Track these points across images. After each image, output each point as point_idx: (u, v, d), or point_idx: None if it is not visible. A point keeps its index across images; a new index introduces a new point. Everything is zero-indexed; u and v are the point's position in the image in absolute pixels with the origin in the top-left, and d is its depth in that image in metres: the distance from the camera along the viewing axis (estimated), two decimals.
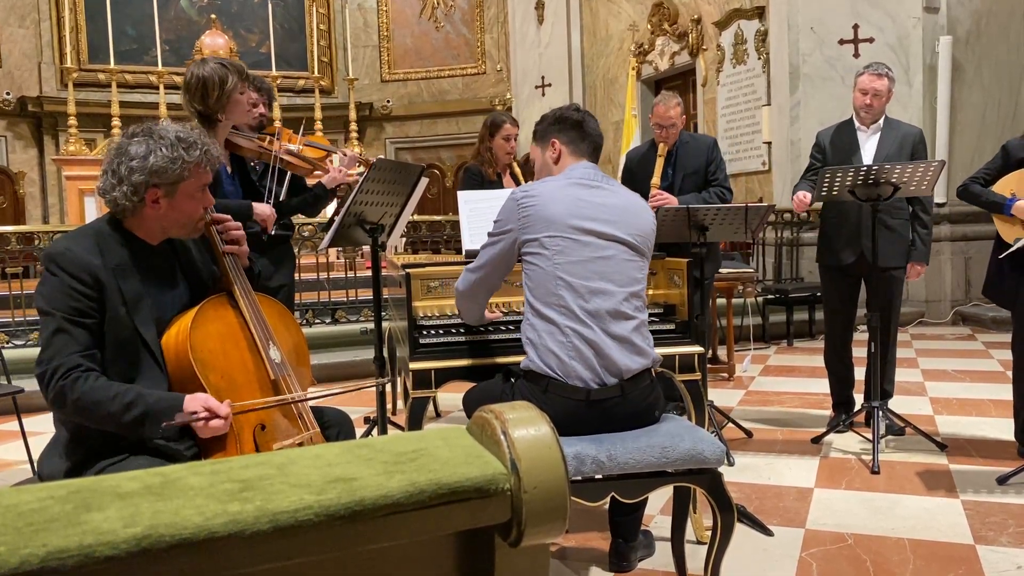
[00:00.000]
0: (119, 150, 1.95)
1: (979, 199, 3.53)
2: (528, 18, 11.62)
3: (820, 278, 4.26)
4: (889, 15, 7.71)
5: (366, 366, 5.45)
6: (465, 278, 2.41)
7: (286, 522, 0.68)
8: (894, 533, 2.79)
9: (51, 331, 1.85)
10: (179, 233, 2.05)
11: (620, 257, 2.25)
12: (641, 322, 2.26)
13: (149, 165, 1.90)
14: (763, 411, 4.55)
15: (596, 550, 2.70)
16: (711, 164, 4.13)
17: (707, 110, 9.39)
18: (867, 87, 3.94)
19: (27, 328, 5.53)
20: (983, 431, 3.99)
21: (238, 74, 3.08)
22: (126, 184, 1.91)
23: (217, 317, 2.03)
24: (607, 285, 2.21)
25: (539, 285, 2.21)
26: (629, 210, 2.33)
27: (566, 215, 2.23)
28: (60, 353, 1.83)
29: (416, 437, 0.85)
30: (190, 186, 1.97)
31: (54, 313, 1.85)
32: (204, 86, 3.04)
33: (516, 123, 4.27)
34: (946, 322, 7.71)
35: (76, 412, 1.83)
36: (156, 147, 1.92)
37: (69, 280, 1.86)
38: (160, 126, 1.99)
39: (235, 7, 12.09)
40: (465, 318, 2.51)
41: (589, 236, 2.23)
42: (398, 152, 12.88)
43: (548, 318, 2.19)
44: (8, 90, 10.90)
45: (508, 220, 2.29)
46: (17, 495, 0.66)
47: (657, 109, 4.09)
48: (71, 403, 1.82)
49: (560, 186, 2.32)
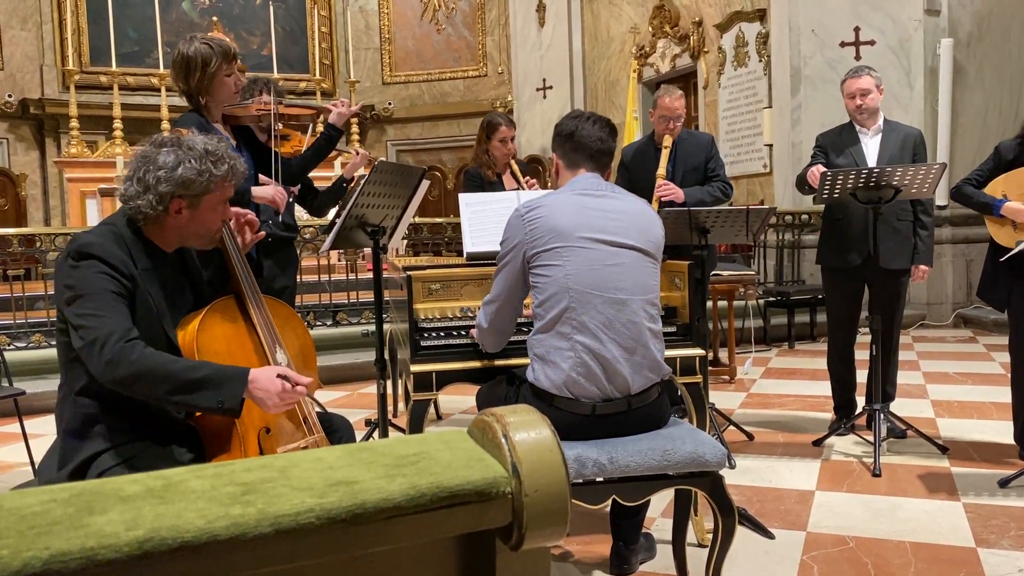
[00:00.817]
0: (146, 158, 1.94)
1: (971, 200, 3.53)
2: (529, 20, 11.63)
3: (822, 280, 4.26)
4: (890, 17, 7.71)
5: (367, 368, 5.45)
6: (484, 312, 2.32)
7: (288, 525, 0.68)
8: (895, 536, 2.79)
9: (89, 306, 1.80)
10: (196, 243, 2.06)
11: (633, 264, 2.20)
12: (656, 332, 2.22)
13: (177, 176, 1.90)
14: (764, 414, 4.55)
15: (597, 553, 2.70)
16: (710, 161, 4.15)
17: (708, 112, 9.39)
18: (852, 89, 3.95)
19: (29, 330, 5.54)
20: (984, 434, 3.99)
21: (223, 55, 3.00)
22: (152, 193, 1.91)
23: (224, 319, 2.04)
24: (621, 294, 2.16)
25: (549, 297, 2.16)
26: (639, 217, 2.28)
27: (574, 225, 2.18)
28: (108, 322, 1.79)
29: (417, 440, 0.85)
30: (214, 199, 1.98)
31: (91, 293, 1.81)
32: (187, 65, 2.99)
33: (512, 124, 4.26)
34: (947, 324, 7.70)
35: (130, 375, 1.77)
36: (185, 158, 1.92)
37: (104, 266, 1.85)
38: (189, 138, 1.99)
39: (237, 9, 12.11)
40: (489, 349, 2.44)
41: (599, 244, 2.17)
42: (399, 154, 12.89)
43: (558, 332, 2.15)
44: (10, 92, 10.91)
45: (514, 236, 2.23)
46: (20, 498, 0.67)
47: (662, 102, 4.07)
48: (127, 364, 1.76)
49: (564, 197, 2.26)
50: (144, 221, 1.96)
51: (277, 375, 1.84)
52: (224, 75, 3.03)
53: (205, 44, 3.01)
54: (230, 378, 1.81)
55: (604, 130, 2.36)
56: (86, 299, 1.82)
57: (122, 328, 1.80)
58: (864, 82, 3.92)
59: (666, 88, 4.12)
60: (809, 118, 7.68)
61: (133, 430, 1.92)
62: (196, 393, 1.79)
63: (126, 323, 1.82)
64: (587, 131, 2.34)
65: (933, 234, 4.03)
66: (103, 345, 1.77)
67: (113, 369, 1.77)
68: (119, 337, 1.78)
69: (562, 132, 2.37)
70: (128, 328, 1.81)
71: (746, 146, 8.82)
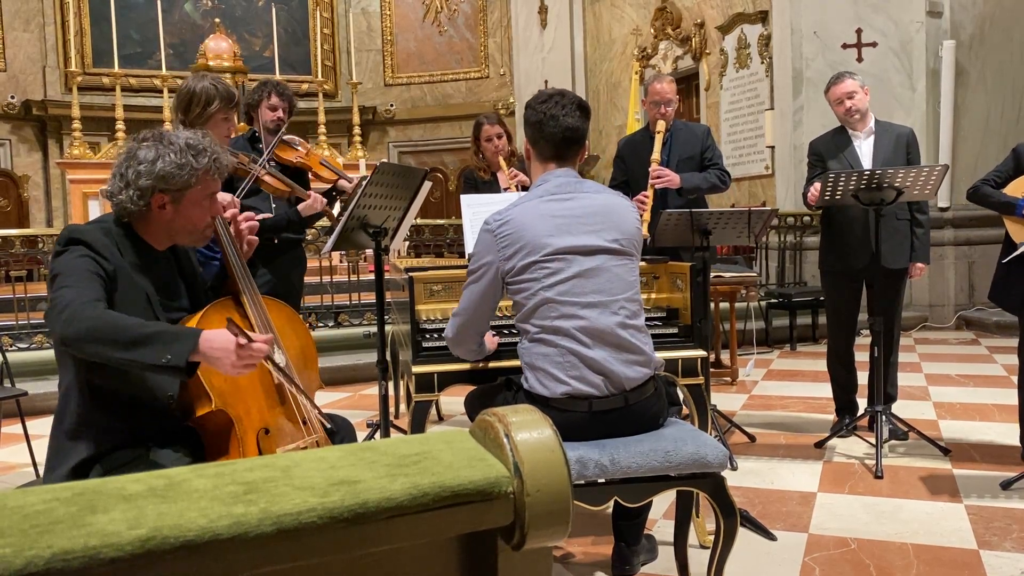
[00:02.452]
0: (128, 154, 1.95)
1: (990, 200, 3.52)
2: (531, 22, 11.64)
3: (821, 282, 4.26)
4: (892, 19, 7.71)
5: (369, 369, 5.46)
6: (452, 324, 2.31)
7: (290, 524, 0.68)
8: (897, 538, 2.79)
9: (64, 282, 1.80)
10: (185, 240, 2.05)
11: (608, 265, 2.18)
12: (639, 327, 2.22)
13: (156, 170, 1.90)
14: (766, 415, 4.55)
15: (599, 554, 2.70)
16: (706, 150, 4.15)
17: (710, 114, 9.40)
18: (838, 94, 3.95)
19: (31, 331, 5.54)
20: (987, 436, 3.99)
21: (226, 100, 3.10)
22: (132, 188, 1.91)
23: (222, 320, 2.04)
24: (601, 297, 2.15)
25: (532, 311, 2.16)
26: (610, 213, 2.23)
27: (544, 236, 2.15)
28: (77, 291, 1.77)
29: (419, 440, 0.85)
30: (197, 193, 1.97)
31: (69, 272, 1.82)
32: (190, 99, 3.09)
33: (497, 122, 4.25)
34: (949, 326, 7.69)
35: (85, 331, 1.70)
36: (165, 152, 1.91)
37: (87, 250, 1.86)
38: (171, 132, 1.99)
39: (239, 11, 12.13)
40: (466, 358, 2.42)
41: (572, 255, 2.15)
42: (401, 156, 12.90)
43: (545, 341, 2.15)
44: (13, 94, 10.93)
45: (486, 252, 2.20)
46: (23, 497, 0.67)
47: (652, 87, 4.10)
48: (81, 320, 1.71)
49: (531, 206, 2.21)
50: (130, 217, 1.96)
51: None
52: (221, 117, 3.11)
53: (212, 85, 3.11)
54: (181, 336, 1.73)
55: (572, 117, 2.24)
56: (63, 277, 1.81)
57: (89, 295, 1.76)
58: (847, 85, 3.92)
59: (655, 75, 4.14)
60: (811, 120, 7.68)
61: (132, 431, 1.91)
62: (143, 348, 1.69)
63: (95, 293, 1.78)
64: (554, 123, 2.23)
65: (929, 232, 4.05)
66: (64, 307, 1.73)
67: (67, 326, 1.71)
68: (82, 301, 1.74)
69: (529, 120, 2.28)
70: (95, 297, 1.77)
71: (748, 148, 8.82)
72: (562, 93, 2.29)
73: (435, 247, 6.82)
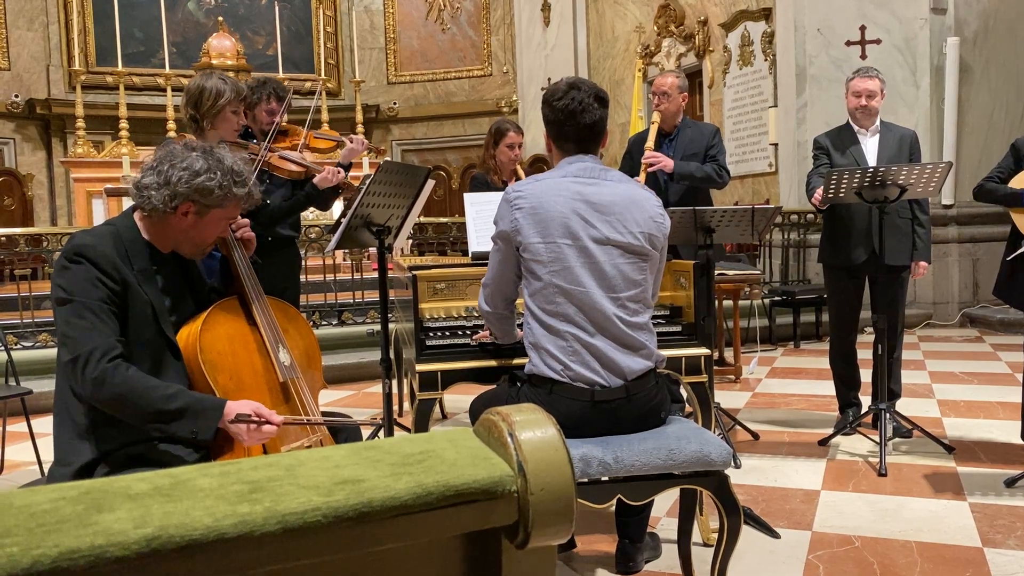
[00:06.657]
0: (173, 155, 1.96)
1: (995, 194, 3.58)
2: (534, 20, 11.63)
3: (824, 279, 4.27)
4: (896, 16, 7.69)
5: (372, 368, 5.46)
6: (481, 295, 2.36)
7: (295, 523, 0.68)
8: (901, 536, 2.79)
9: (76, 316, 1.83)
10: (187, 250, 2.06)
11: (616, 262, 2.18)
12: (642, 324, 2.22)
13: (198, 182, 1.92)
14: (770, 413, 4.55)
15: (602, 552, 2.70)
16: (711, 148, 4.18)
17: (713, 111, 9.38)
18: (860, 88, 3.97)
19: (35, 330, 5.55)
20: (991, 433, 3.98)
21: (235, 93, 3.15)
22: (168, 189, 1.92)
23: (227, 319, 2.05)
24: (605, 291, 2.16)
25: (537, 292, 2.18)
26: (629, 206, 2.22)
27: (561, 216, 2.15)
28: (93, 337, 1.82)
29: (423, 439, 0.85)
30: (221, 214, 2.01)
31: (77, 299, 1.84)
32: (200, 94, 3.13)
33: (520, 131, 4.29)
34: (953, 324, 7.68)
35: (113, 398, 1.82)
36: (214, 168, 1.94)
37: (95, 271, 1.86)
38: (220, 150, 2.01)
39: (242, 9, 12.14)
40: (500, 339, 2.45)
41: (585, 242, 2.16)
42: (404, 154, 12.90)
43: (548, 325, 2.16)
44: (17, 93, 10.95)
45: (503, 221, 2.23)
46: (30, 496, 0.67)
47: (655, 80, 4.29)
48: (110, 387, 1.81)
49: (552, 183, 2.22)
50: (149, 214, 1.97)
51: (252, 410, 1.87)
52: (230, 111, 3.16)
53: (223, 80, 3.16)
54: (206, 411, 1.85)
55: (591, 112, 2.24)
56: (73, 307, 1.84)
57: (105, 344, 1.82)
58: (872, 84, 3.95)
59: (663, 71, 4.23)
60: (814, 117, 7.67)
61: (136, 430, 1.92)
62: (173, 423, 1.84)
63: (110, 338, 1.83)
64: (572, 124, 2.25)
65: (930, 231, 4.08)
66: (86, 363, 1.80)
67: (97, 390, 1.82)
68: (102, 354, 1.81)
69: (548, 119, 2.32)
70: (112, 345, 1.83)
71: (751, 145, 8.80)
72: (578, 87, 2.27)
73: (438, 245, 6.82)
